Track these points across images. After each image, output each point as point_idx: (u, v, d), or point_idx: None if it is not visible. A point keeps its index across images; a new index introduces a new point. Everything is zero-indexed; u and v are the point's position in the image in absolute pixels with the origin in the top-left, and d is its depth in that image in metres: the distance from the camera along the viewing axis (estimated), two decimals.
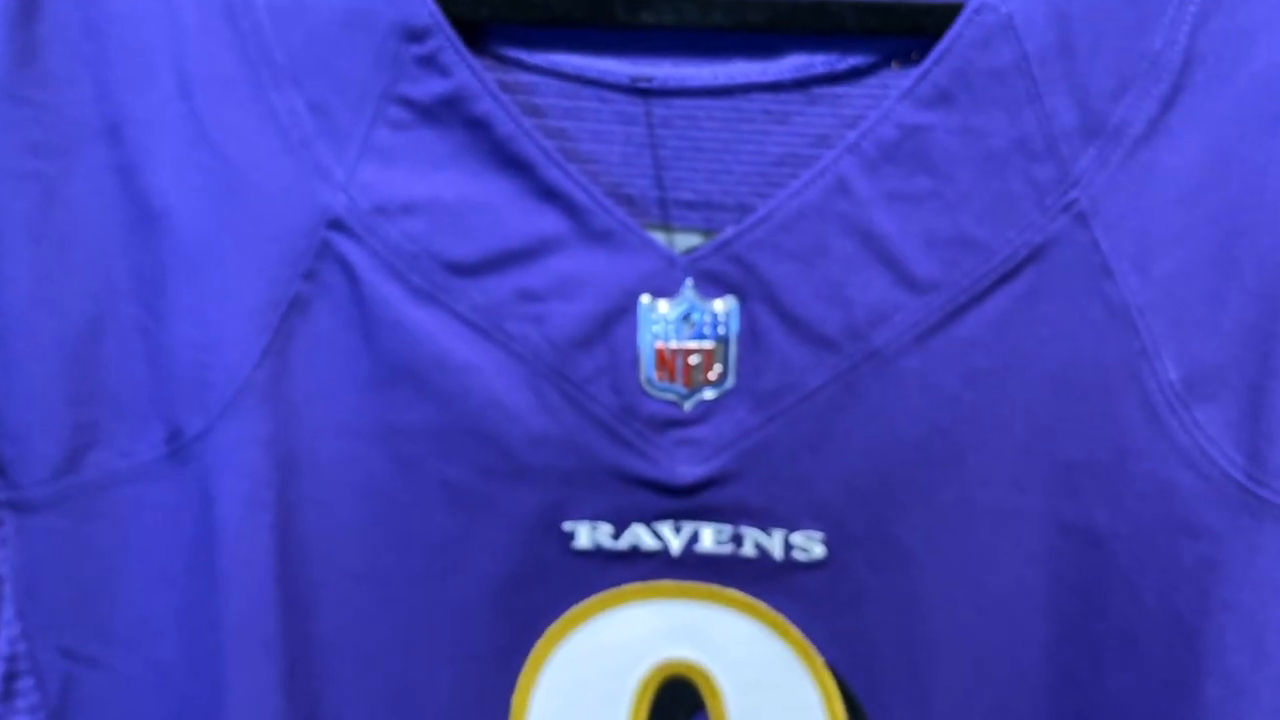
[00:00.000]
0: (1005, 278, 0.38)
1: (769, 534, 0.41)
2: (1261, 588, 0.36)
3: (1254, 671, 0.36)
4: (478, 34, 0.39)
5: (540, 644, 0.43)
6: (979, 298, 0.38)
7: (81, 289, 0.40)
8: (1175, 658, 0.38)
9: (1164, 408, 0.37)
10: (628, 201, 0.40)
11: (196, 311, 0.40)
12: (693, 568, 0.42)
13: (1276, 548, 0.36)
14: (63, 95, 0.39)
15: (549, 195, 0.39)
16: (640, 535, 0.42)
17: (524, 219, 0.39)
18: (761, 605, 0.42)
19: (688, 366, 0.40)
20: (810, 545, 0.41)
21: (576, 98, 0.40)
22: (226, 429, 0.40)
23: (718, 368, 0.40)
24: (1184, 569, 0.37)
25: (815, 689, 0.43)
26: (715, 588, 0.42)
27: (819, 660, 0.43)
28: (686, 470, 0.40)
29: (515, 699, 0.44)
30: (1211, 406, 0.37)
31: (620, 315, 0.40)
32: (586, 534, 0.42)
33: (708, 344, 0.40)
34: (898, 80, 0.38)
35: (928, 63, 0.36)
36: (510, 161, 0.39)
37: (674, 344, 0.40)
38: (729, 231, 0.39)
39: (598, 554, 0.42)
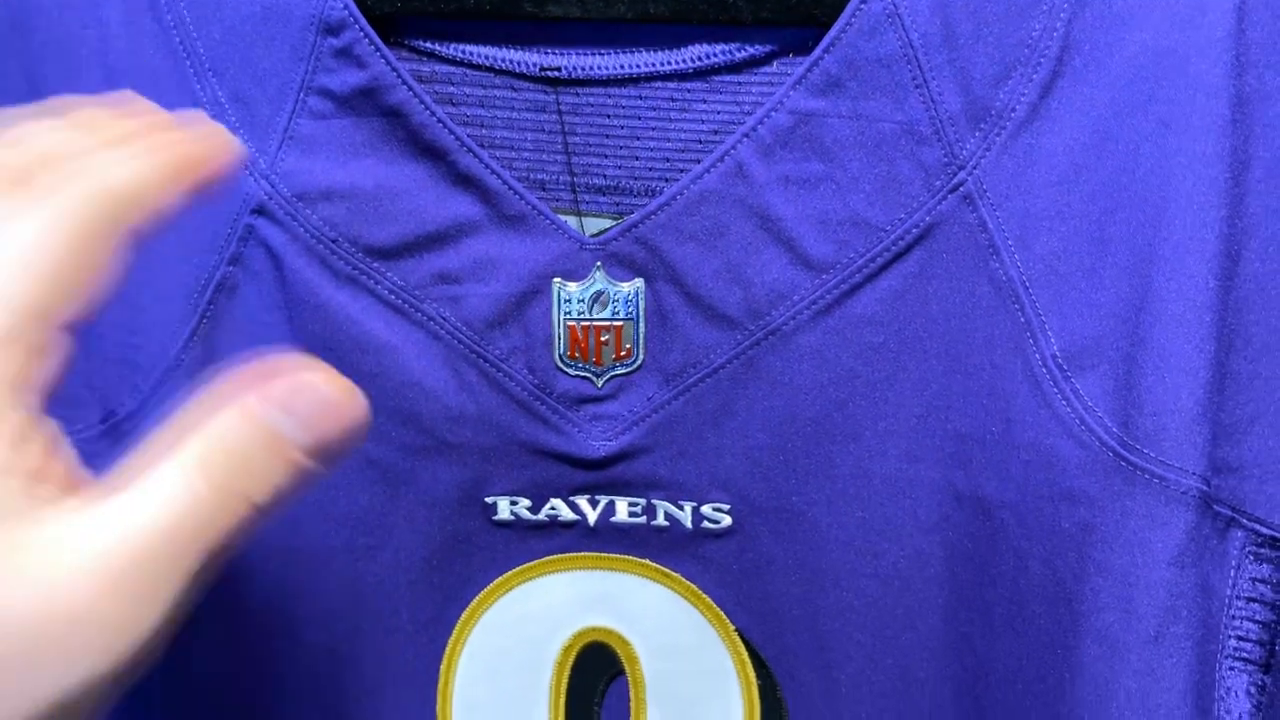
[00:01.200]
0: (897, 257, 0.39)
1: (679, 506, 0.43)
2: (1132, 549, 0.37)
3: (1125, 630, 0.38)
4: (392, 26, 0.41)
5: (465, 614, 0.45)
6: (872, 277, 0.40)
7: None
8: (1057, 619, 0.39)
9: (1046, 380, 0.39)
10: (540, 187, 0.42)
11: (125, 294, 0.41)
12: (609, 538, 0.44)
13: (1145, 511, 0.37)
14: None
15: (463, 181, 0.40)
16: (558, 508, 0.43)
17: (440, 204, 0.41)
18: (674, 574, 0.44)
19: (599, 345, 0.42)
20: (718, 516, 0.43)
21: (488, 87, 0.41)
22: (156, 409, 0.42)
23: (627, 346, 0.42)
24: (1064, 534, 0.39)
25: (728, 654, 0.45)
26: (631, 558, 0.44)
27: (730, 627, 0.44)
28: (600, 444, 0.42)
29: (442, 668, 0.46)
30: (1089, 377, 0.38)
31: (534, 296, 0.41)
32: (506, 507, 0.43)
33: (618, 323, 0.41)
34: (793, 69, 0.39)
35: (817, 52, 0.38)
36: (426, 149, 0.40)
37: (585, 323, 0.41)
38: (635, 215, 0.40)
39: (518, 526, 0.44)
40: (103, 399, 0.43)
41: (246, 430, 0.24)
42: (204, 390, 0.24)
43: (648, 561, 0.44)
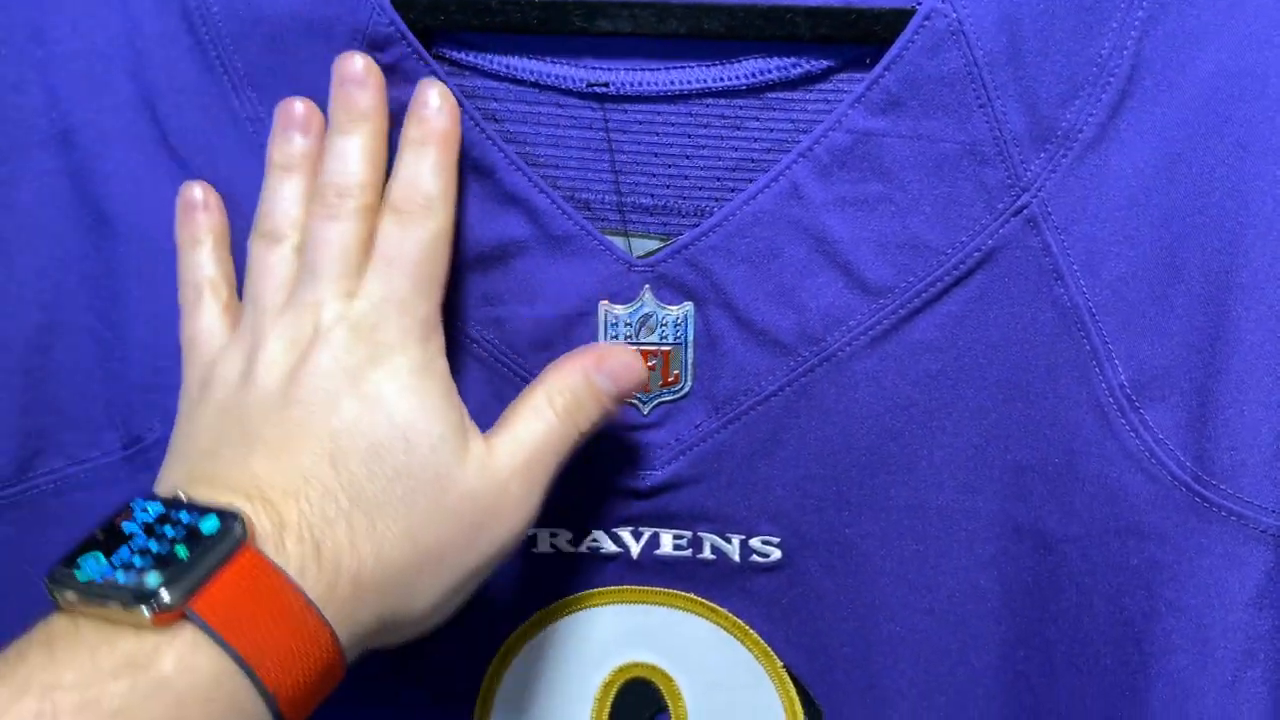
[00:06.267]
0: (957, 281, 0.38)
1: (727, 539, 0.41)
2: (1207, 590, 0.36)
3: (1199, 674, 0.36)
4: (432, 40, 0.39)
5: (502, 649, 0.43)
6: (931, 301, 0.38)
7: (30, 297, 0.40)
8: (1124, 660, 0.38)
9: (1113, 410, 0.37)
10: (585, 206, 0.41)
11: (158, 317, 0.40)
12: (653, 571, 0.42)
13: (1221, 549, 0.36)
14: (9, 100, 0.39)
15: (510, 200, 0.39)
16: (600, 540, 0.42)
17: (486, 223, 0.39)
18: (721, 609, 0.42)
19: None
20: (767, 549, 0.41)
21: (533, 103, 0.40)
22: None
23: (675, 372, 0.40)
24: (1132, 571, 0.37)
25: (775, 691, 0.43)
26: (675, 592, 0.42)
27: (778, 663, 0.43)
28: (645, 474, 0.41)
29: (478, 704, 0.44)
30: (1160, 408, 0.37)
31: (580, 319, 0.40)
32: (546, 539, 0.42)
33: (665, 348, 0.40)
34: (851, 86, 0.38)
35: (878, 69, 0.37)
36: (472, 166, 0.39)
37: (632, 347, 0.40)
38: (685, 237, 0.39)
39: (559, 558, 0.42)
40: (125, 424, 0.41)
41: (580, 382, 0.37)
42: (557, 360, 0.38)
43: (693, 596, 0.42)
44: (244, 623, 0.30)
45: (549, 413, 0.36)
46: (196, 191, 0.39)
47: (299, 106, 0.38)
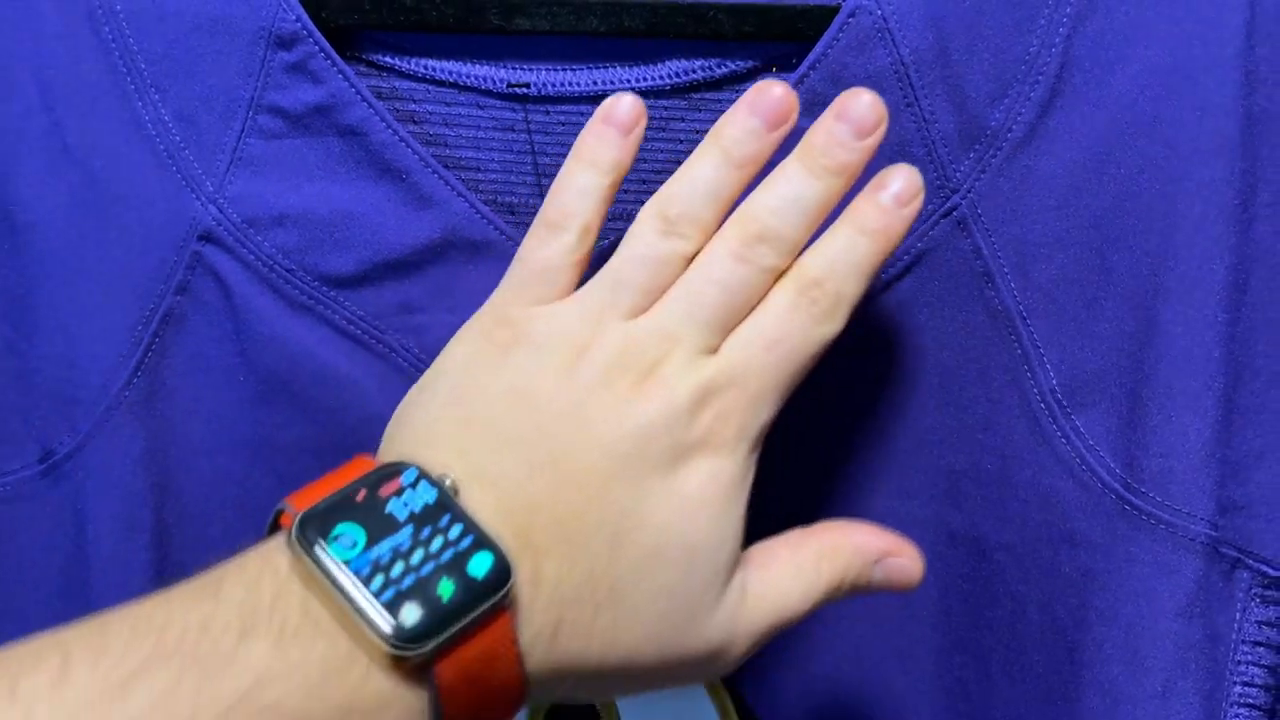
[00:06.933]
0: (886, 286, 0.37)
1: None
2: (1138, 598, 0.36)
3: (1132, 683, 0.36)
4: (348, 40, 0.38)
5: None
6: (861, 305, 0.37)
7: None
8: (1057, 669, 0.37)
9: (1044, 415, 0.37)
10: (508, 210, 0.40)
11: (64, 327, 0.39)
12: None
13: (1151, 558, 0.35)
14: None
15: (427, 204, 0.38)
16: None
17: (401, 229, 0.38)
18: None
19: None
20: None
21: (452, 104, 0.39)
22: (97, 447, 0.39)
23: None
24: (1064, 579, 0.37)
25: (710, 700, 0.42)
26: None
27: None
28: None
29: None
30: (1090, 414, 0.36)
31: None
32: None
33: None
34: None
35: (803, 68, 0.36)
36: (385, 170, 0.38)
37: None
38: (607, 243, 0.38)
39: None
40: (40, 437, 0.40)
41: (857, 564, 0.34)
42: (847, 523, 0.36)
43: None
44: (462, 699, 0.27)
45: (812, 577, 0.33)
46: (627, 102, 0.34)
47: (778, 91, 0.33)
